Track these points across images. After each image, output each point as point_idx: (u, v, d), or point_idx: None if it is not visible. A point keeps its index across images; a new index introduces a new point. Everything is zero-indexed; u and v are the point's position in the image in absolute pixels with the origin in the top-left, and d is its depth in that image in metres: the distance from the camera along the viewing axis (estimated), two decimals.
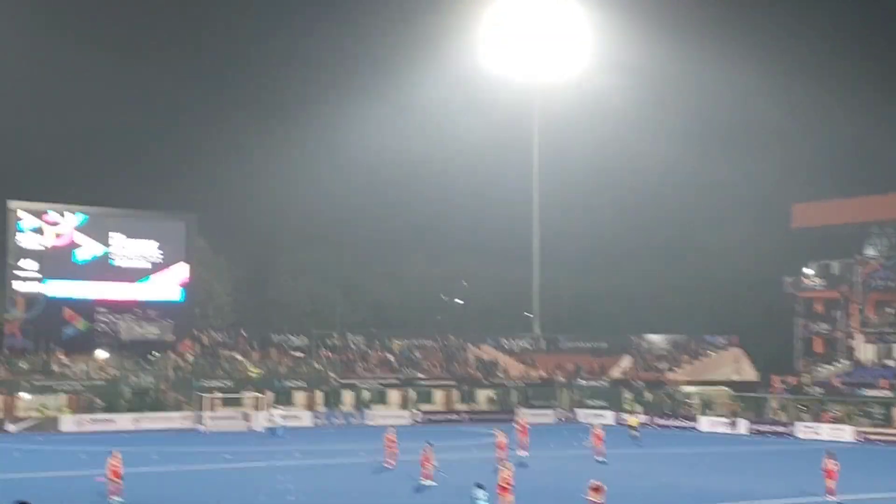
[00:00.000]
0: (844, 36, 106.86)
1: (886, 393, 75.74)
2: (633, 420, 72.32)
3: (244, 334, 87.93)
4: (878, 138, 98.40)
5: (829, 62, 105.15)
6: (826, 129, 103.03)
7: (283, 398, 79.81)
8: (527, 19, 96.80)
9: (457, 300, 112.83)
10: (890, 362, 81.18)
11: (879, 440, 70.95)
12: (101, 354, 79.54)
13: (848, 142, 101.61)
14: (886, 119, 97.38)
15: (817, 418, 76.45)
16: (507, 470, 35.74)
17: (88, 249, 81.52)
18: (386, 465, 50.06)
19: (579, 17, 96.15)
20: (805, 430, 74.80)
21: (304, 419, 79.01)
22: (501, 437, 51.73)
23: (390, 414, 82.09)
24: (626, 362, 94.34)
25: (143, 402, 76.90)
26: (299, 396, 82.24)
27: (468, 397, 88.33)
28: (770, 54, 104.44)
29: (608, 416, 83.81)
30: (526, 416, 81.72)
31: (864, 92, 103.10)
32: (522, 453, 54.54)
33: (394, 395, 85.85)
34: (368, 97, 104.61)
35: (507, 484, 34.98)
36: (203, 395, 76.42)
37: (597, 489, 35.84)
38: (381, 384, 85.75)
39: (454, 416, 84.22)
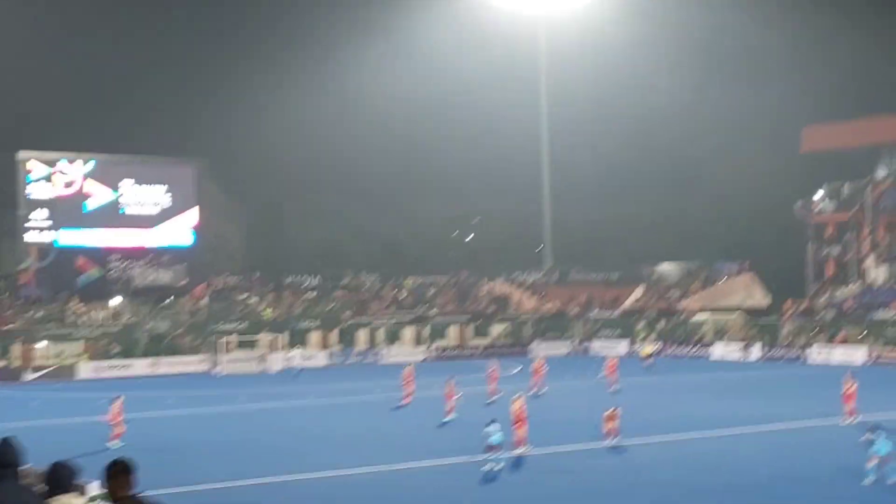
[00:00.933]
0: None
1: None
2: (646, 349, 72.74)
3: (257, 277, 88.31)
4: (884, 58, 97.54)
5: None
6: (832, 51, 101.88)
7: (298, 339, 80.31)
8: None
9: (468, 237, 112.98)
10: None
11: (892, 361, 71.21)
12: (115, 301, 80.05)
13: (855, 63, 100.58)
14: (893, 39, 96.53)
15: (830, 341, 76.78)
16: (519, 401, 36.04)
17: (99, 197, 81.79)
18: (404, 401, 50.52)
19: None
20: (818, 353, 75.12)
21: (319, 359, 79.56)
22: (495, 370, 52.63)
23: (404, 351, 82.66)
24: (638, 292, 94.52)
25: (159, 346, 77.49)
26: (314, 336, 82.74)
27: (482, 332, 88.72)
28: None
29: (622, 347, 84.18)
30: (540, 348, 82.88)
31: (871, 12, 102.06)
32: (539, 390, 54.86)
33: (408, 333, 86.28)
34: (374, 36, 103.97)
35: (520, 417, 35.29)
36: (218, 338, 76.96)
37: (611, 416, 36.43)
38: (395, 322, 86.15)
39: (468, 351, 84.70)
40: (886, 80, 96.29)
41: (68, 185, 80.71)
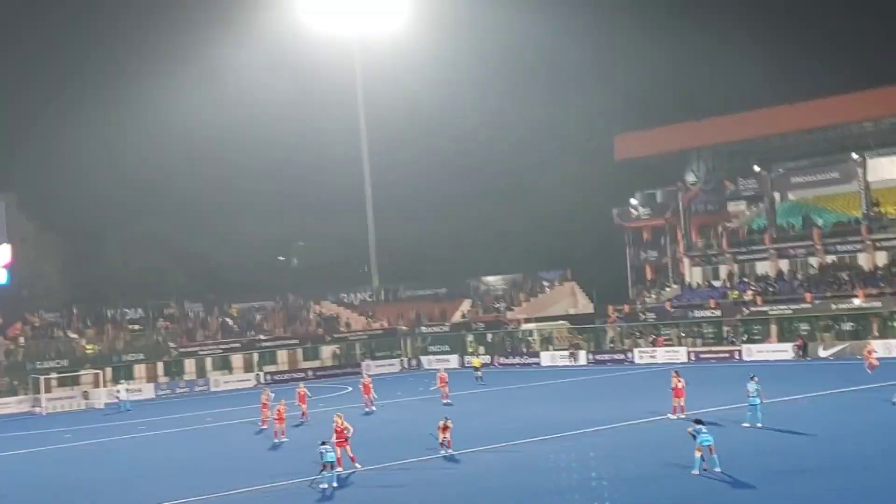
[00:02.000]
0: None
1: (715, 312, 78.49)
2: (476, 362, 73.49)
3: (76, 312, 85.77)
4: (688, 65, 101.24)
5: None
6: (638, 60, 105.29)
7: (123, 373, 78.27)
8: None
9: (293, 261, 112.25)
10: (716, 283, 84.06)
11: (711, 358, 73.71)
12: None
13: (661, 71, 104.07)
14: (696, 45, 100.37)
15: (653, 343, 79.08)
16: (338, 419, 35.75)
17: None
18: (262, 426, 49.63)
19: None
20: (642, 354, 77.23)
21: (147, 391, 77.64)
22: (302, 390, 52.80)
23: (234, 378, 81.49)
24: (465, 306, 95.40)
25: None
26: (140, 369, 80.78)
27: (312, 354, 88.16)
28: None
29: (453, 361, 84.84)
30: (371, 367, 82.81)
31: (674, 20, 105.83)
32: (370, 408, 54.76)
33: (237, 360, 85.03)
34: (188, 60, 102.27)
35: (343, 434, 35.09)
36: (38, 376, 74.32)
37: (444, 427, 36.64)
38: (223, 349, 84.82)
39: (300, 375, 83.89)
40: (690, 87, 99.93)
41: None
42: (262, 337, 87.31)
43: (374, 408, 54.72)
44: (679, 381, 42.81)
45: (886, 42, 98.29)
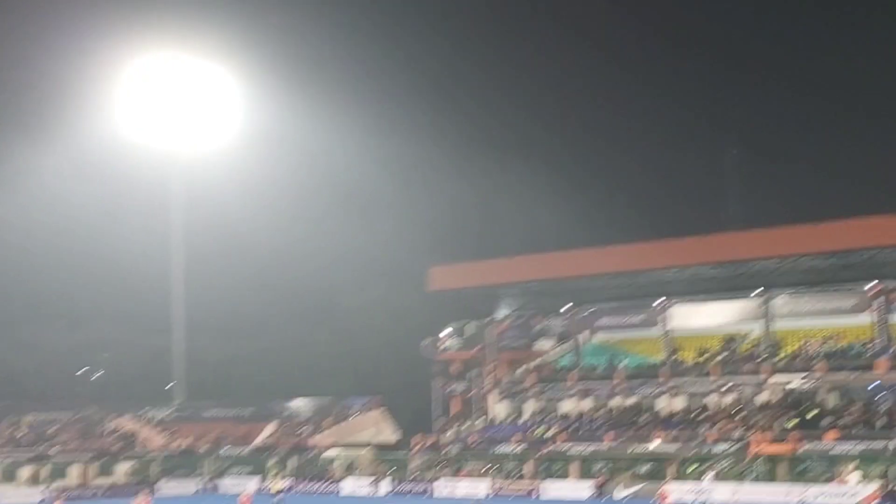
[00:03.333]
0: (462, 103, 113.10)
1: (518, 448, 79.09)
2: (276, 485, 72.20)
3: None
4: (504, 201, 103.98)
5: (451, 130, 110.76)
6: (464, 192, 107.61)
7: None
8: (170, 83, 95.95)
9: (97, 374, 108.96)
10: (521, 419, 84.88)
11: (512, 493, 74.04)
12: None
13: (477, 205, 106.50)
14: (510, 182, 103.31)
15: (455, 475, 79.01)
16: None
17: None
18: None
19: (227, 85, 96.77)
20: (443, 486, 77.03)
21: None
22: None
23: (20, 493, 77.74)
24: (270, 428, 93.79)
25: None
26: None
27: (106, 470, 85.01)
28: (401, 115, 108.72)
29: (252, 483, 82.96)
30: (168, 486, 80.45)
31: (486, 159, 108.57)
32: None
33: (24, 472, 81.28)
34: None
35: None
36: None
37: None
38: (11, 462, 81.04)
39: (91, 491, 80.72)
40: (506, 223, 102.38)
41: None
42: (54, 450, 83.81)
43: None
44: None
45: (696, 193, 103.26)
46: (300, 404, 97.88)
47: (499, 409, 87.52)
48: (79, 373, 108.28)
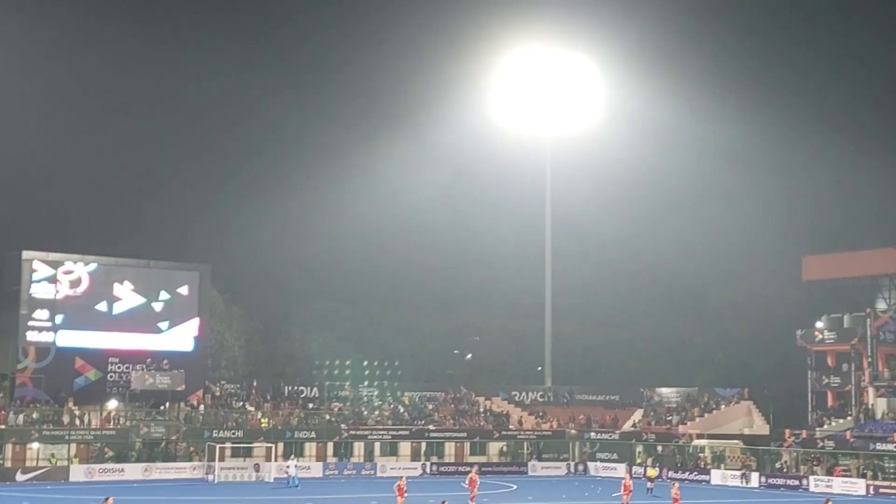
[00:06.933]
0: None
1: None
2: (651, 471, 72.60)
3: (255, 386, 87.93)
4: (885, 192, 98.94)
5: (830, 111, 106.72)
6: (836, 181, 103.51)
7: (295, 449, 79.63)
8: (538, 73, 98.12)
9: (468, 355, 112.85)
10: None
11: (892, 494, 70.58)
12: (112, 404, 79.58)
13: (857, 195, 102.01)
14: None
15: (830, 472, 76.13)
16: None
17: (101, 300, 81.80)
18: None
19: (591, 71, 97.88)
20: (818, 483, 74.46)
21: (315, 470, 78.87)
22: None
23: (401, 465, 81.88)
24: (637, 415, 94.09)
25: (154, 452, 76.82)
26: (310, 447, 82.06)
27: (479, 449, 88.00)
28: (768, 104, 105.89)
29: (619, 469, 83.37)
30: (537, 468, 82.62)
31: (877, 146, 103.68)
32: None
33: (404, 447, 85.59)
34: (381, 149, 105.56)
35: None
36: (213, 445, 76.34)
37: None
38: (393, 435, 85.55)
39: (465, 468, 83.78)
40: (886, 214, 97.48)
41: (72, 286, 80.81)
42: (431, 427, 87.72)
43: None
44: None
45: None
46: (668, 392, 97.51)
47: (878, 404, 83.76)
48: (454, 353, 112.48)
